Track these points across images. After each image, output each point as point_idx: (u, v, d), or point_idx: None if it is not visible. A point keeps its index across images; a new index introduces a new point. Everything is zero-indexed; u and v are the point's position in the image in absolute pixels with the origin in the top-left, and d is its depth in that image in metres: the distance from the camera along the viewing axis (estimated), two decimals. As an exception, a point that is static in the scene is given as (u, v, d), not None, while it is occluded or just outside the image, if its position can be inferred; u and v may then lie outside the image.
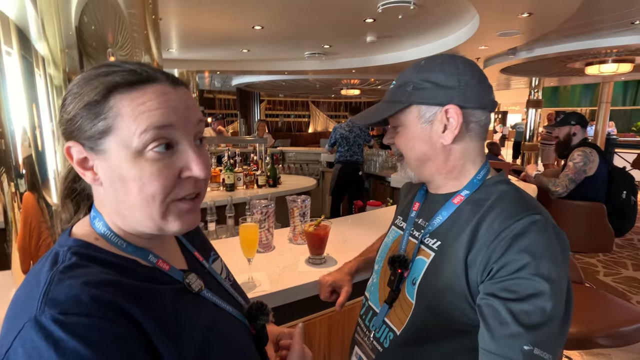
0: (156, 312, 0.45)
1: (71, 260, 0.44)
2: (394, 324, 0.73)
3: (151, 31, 0.95)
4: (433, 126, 0.69)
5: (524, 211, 0.62)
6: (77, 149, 0.47)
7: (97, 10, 0.83)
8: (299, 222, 1.40)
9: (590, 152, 2.51)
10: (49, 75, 0.82)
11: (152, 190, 0.45)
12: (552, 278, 0.57)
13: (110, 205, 0.49)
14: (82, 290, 0.40)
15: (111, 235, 0.49)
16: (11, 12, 0.78)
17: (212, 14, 3.67)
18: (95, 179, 0.48)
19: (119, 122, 0.44)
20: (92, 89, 0.45)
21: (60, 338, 0.36)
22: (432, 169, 0.73)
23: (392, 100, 0.73)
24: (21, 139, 0.84)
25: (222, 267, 0.69)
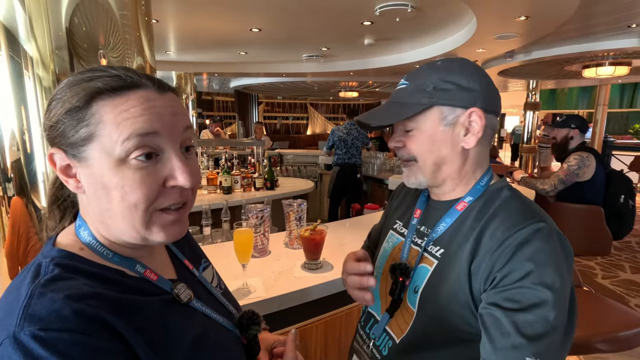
0: (142, 324, 0.43)
1: (54, 272, 0.42)
2: (394, 332, 0.72)
3: (144, 33, 0.93)
4: (455, 129, 0.67)
5: (527, 219, 0.61)
6: (59, 156, 0.46)
7: (88, 11, 0.81)
8: (295, 227, 1.39)
9: (587, 156, 2.51)
10: (38, 76, 0.80)
11: (134, 199, 0.44)
12: (555, 287, 0.56)
13: (94, 214, 0.47)
14: (64, 305, 0.38)
15: (96, 244, 0.48)
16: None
17: (209, 16, 3.66)
18: (78, 186, 0.46)
19: (101, 129, 0.43)
20: (74, 95, 0.44)
21: (40, 355, 0.35)
22: (446, 174, 0.70)
23: (408, 102, 0.69)
24: (9, 142, 0.83)
25: (213, 274, 0.68)
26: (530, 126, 7.87)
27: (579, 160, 2.50)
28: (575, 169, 2.49)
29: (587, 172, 2.51)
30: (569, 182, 2.51)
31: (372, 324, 0.78)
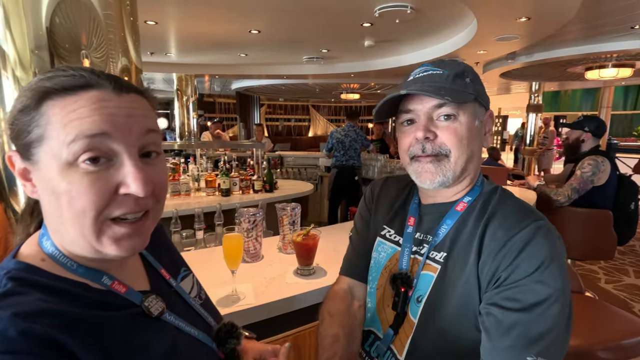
0: (100, 342, 0.40)
1: (6, 286, 0.39)
2: (397, 348, 0.69)
3: (129, 33, 0.91)
4: (481, 127, 0.68)
5: (526, 218, 0.61)
6: (17, 158, 0.43)
7: (69, 10, 0.79)
8: (289, 231, 1.36)
9: (602, 161, 2.43)
10: (17, 77, 0.78)
11: (81, 206, 0.41)
12: (557, 286, 0.56)
13: (50, 222, 0.45)
14: (10, 324, 0.35)
15: (59, 255, 0.45)
16: (-25, 11, 0.74)
17: (208, 18, 3.65)
18: (33, 191, 0.44)
19: (50, 130, 0.41)
20: (28, 94, 0.42)
21: None
22: (468, 172, 0.69)
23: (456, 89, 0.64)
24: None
25: (193, 284, 0.65)
26: (532, 128, 7.83)
27: (593, 165, 2.42)
28: (589, 176, 2.43)
29: (602, 177, 2.44)
30: (583, 190, 2.45)
31: (373, 341, 0.75)
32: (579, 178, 2.45)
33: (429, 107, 0.65)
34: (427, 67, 0.68)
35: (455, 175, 0.66)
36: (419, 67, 0.70)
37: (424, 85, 0.65)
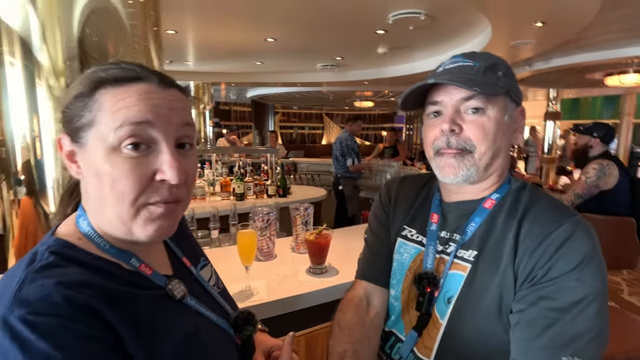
0: (131, 316, 0.44)
1: (48, 259, 0.43)
2: (420, 351, 0.66)
3: (152, 42, 0.97)
4: (511, 124, 0.65)
5: (562, 213, 0.60)
6: (66, 141, 0.48)
7: (99, 22, 0.85)
8: (302, 231, 1.39)
9: (608, 164, 2.41)
10: (50, 85, 0.84)
11: (122, 189, 0.44)
12: (596, 284, 0.55)
13: (90, 202, 0.49)
14: (54, 291, 0.39)
15: (94, 235, 0.49)
16: (15, 23, 0.81)
17: (226, 27, 3.76)
18: (78, 172, 0.48)
19: (100, 116, 0.45)
20: (83, 82, 0.46)
21: (27, 338, 0.36)
22: (494, 168, 0.66)
23: (486, 81, 0.62)
24: (21, 148, 0.87)
25: (211, 273, 0.68)
26: (550, 136, 7.68)
27: (597, 170, 2.40)
28: (593, 180, 2.40)
29: (610, 180, 2.41)
30: (586, 195, 2.43)
31: (393, 343, 0.73)
32: (582, 184, 2.44)
33: (457, 99, 0.63)
34: (458, 58, 0.66)
35: (479, 172, 0.64)
36: (450, 58, 0.67)
37: (453, 77, 0.63)
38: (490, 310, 0.59)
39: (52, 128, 0.86)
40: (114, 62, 0.48)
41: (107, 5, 0.86)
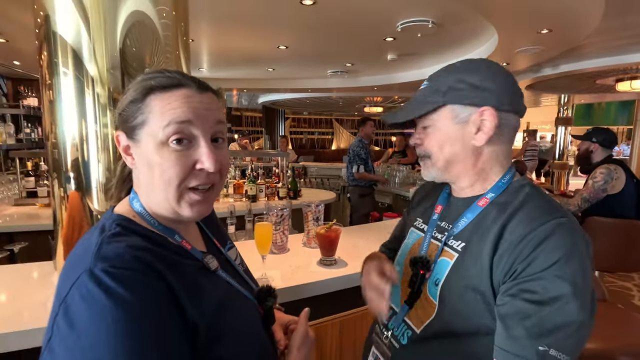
0: (181, 277, 0.54)
1: (116, 229, 0.54)
2: (414, 323, 0.74)
3: (182, 51, 1.08)
4: (466, 127, 0.69)
5: (549, 214, 0.63)
6: (123, 138, 0.58)
7: (138, 33, 0.97)
8: (313, 226, 1.48)
9: (615, 169, 2.47)
10: (97, 94, 0.95)
11: (169, 176, 0.54)
12: (576, 281, 0.57)
13: (142, 187, 0.59)
14: (126, 251, 0.50)
15: (145, 214, 0.59)
16: (69, 36, 0.92)
17: (240, 35, 3.91)
18: (132, 163, 0.58)
19: (151, 117, 0.55)
20: (137, 89, 0.57)
21: (109, 285, 0.46)
22: (459, 170, 0.73)
23: (425, 100, 0.72)
24: (71, 150, 0.98)
25: (237, 254, 0.78)
26: (562, 142, 7.65)
27: (605, 174, 2.46)
28: (601, 185, 2.46)
29: (617, 184, 2.46)
30: (594, 200, 2.49)
31: (391, 315, 0.81)
32: (589, 188, 2.50)
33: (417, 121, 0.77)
34: (425, 81, 0.77)
35: (439, 172, 0.75)
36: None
37: (408, 104, 0.77)
38: (468, 295, 0.66)
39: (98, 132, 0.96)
40: (159, 71, 0.59)
41: (145, 18, 0.96)
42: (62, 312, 0.47)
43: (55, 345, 0.46)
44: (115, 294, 0.45)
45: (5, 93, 5.71)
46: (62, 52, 0.94)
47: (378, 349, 0.82)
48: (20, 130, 5.25)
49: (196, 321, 0.53)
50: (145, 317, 0.47)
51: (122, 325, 0.45)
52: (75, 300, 0.46)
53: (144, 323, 0.46)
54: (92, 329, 0.44)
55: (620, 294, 3.29)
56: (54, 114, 0.97)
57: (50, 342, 0.47)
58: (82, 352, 0.44)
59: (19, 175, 2.77)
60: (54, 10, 0.92)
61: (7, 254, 1.83)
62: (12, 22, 3.22)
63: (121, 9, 0.93)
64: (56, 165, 1.01)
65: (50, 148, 1.02)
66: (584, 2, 2.57)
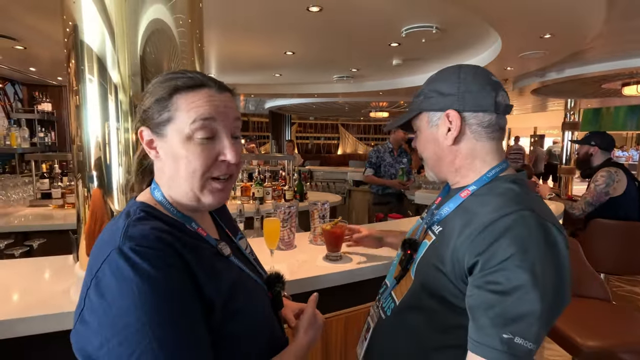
0: (199, 259, 0.60)
1: (140, 214, 0.60)
2: (397, 295, 0.84)
3: (197, 58, 1.15)
4: (439, 129, 0.79)
5: (514, 206, 0.66)
6: (147, 132, 0.64)
7: (157, 41, 1.03)
8: (319, 224, 1.54)
9: (616, 171, 2.51)
10: (119, 100, 1.01)
11: (194, 167, 0.60)
12: (535, 271, 0.60)
13: (165, 178, 0.65)
14: (150, 232, 0.56)
15: (165, 202, 0.65)
16: (95, 45, 0.99)
17: (248, 42, 4.01)
18: (157, 156, 0.64)
19: (178, 114, 0.61)
20: (163, 89, 0.63)
21: (136, 261, 0.52)
22: (443, 167, 0.82)
23: (410, 109, 0.85)
24: (94, 151, 1.04)
25: (247, 244, 0.84)
26: (568, 147, 7.63)
27: (606, 177, 2.49)
28: (603, 188, 2.50)
29: (619, 187, 2.50)
30: (597, 203, 2.53)
31: (384, 290, 0.91)
32: (592, 191, 2.54)
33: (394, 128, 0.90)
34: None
35: (434, 172, 0.85)
36: None
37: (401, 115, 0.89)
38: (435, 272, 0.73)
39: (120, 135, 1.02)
40: (181, 72, 0.65)
41: (164, 26, 1.02)
42: (94, 286, 0.53)
43: (87, 315, 0.53)
44: (141, 269, 0.51)
45: (20, 98, 5.87)
46: (88, 60, 1.00)
47: (371, 317, 0.91)
48: (34, 134, 5.41)
49: (213, 298, 0.58)
50: (167, 290, 0.52)
51: (148, 297, 0.50)
52: (105, 274, 0.52)
53: (166, 296, 0.52)
54: (120, 300, 0.51)
55: (628, 299, 3.28)
56: (80, 118, 1.03)
57: (82, 313, 0.53)
58: (112, 319, 0.50)
59: (34, 177, 2.87)
60: (81, 20, 0.99)
61: (27, 249, 1.92)
62: (31, 30, 3.35)
63: (142, 18, 1.00)
64: (80, 166, 1.07)
65: (75, 150, 1.08)
66: (584, 7, 2.62)
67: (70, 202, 2.75)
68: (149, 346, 0.50)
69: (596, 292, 1.92)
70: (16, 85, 5.78)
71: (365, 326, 0.94)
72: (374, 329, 0.87)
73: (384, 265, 1.40)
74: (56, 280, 1.23)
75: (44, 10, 2.79)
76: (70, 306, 0.99)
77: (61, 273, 1.28)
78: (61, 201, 2.75)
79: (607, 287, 2.02)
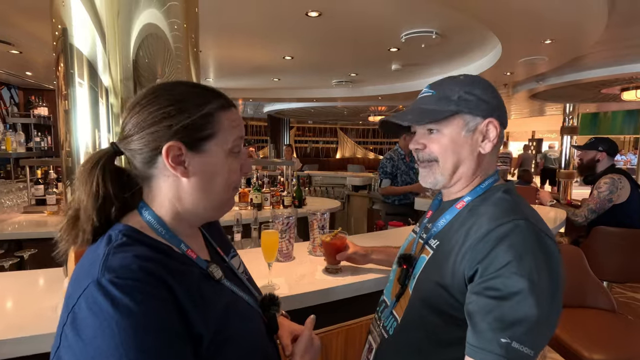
0: (186, 285, 0.55)
1: (122, 239, 0.55)
2: (398, 313, 0.81)
3: (192, 62, 1.11)
4: (474, 135, 0.77)
5: (509, 216, 0.68)
6: (177, 147, 0.59)
7: (151, 45, 0.99)
8: (318, 235, 1.49)
9: (619, 178, 2.47)
10: (110, 104, 0.97)
11: (233, 179, 0.64)
12: (532, 278, 0.61)
13: (185, 196, 0.61)
14: (132, 261, 0.51)
15: (154, 223, 0.61)
16: (85, 48, 0.95)
17: (246, 46, 3.98)
18: (184, 172, 0.59)
19: (220, 131, 0.62)
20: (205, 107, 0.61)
21: (115, 295, 0.47)
22: (460, 174, 0.79)
23: (436, 108, 0.77)
24: (84, 158, 0.99)
25: (240, 262, 0.80)
26: (567, 151, 7.64)
27: (609, 184, 2.46)
28: (606, 195, 2.47)
29: (622, 194, 2.47)
30: (601, 210, 2.50)
31: (384, 308, 0.88)
32: (595, 198, 2.50)
33: (419, 125, 0.81)
34: (426, 88, 0.82)
35: (445, 178, 0.79)
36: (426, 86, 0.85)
37: (411, 108, 0.81)
38: (437, 286, 0.72)
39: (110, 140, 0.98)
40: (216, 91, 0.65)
41: (158, 30, 0.99)
42: (70, 322, 0.48)
43: (63, 354, 0.48)
44: (121, 304, 0.47)
45: (16, 103, 5.83)
46: (78, 64, 0.96)
47: (372, 337, 0.88)
48: (30, 139, 5.36)
49: (200, 330, 0.54)
50: (150, 327, 0.48)
51: (128, 334, 0.46)
52: (82, 310, 0.48)
53: (148, 333, 0.48)
54: (98, 339, 0.46)
55: (629, 306, 3.24)
56: (69, 123, 0.99)
57: (59, 351, 0.49)
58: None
59: (29, 183, 2.81)
60: (71, 24, 0.95)
61: (17, 260, 1.86)
62: (27, 34, 3.32)
63: (135, 22, 0.96)
64: (69, 172, 1.03)
65: (64, 156, 1.04)
66: (586, 14, 2.60)
67: (65, 209, 2.70)
68: None
69: (602, 303, 1.89)
70: (12, 90, 5.73)
71: (366, 346, 0.91)
72: (377, 350, 0.84)
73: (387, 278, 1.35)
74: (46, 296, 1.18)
75: (40, 14, 2.76)
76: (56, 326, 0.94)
77: (52, 288, 1.22)
78: (56, 207, 2.70)
79: (612, 297, 1.98)
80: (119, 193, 0.61)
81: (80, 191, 0.60)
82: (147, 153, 0.60)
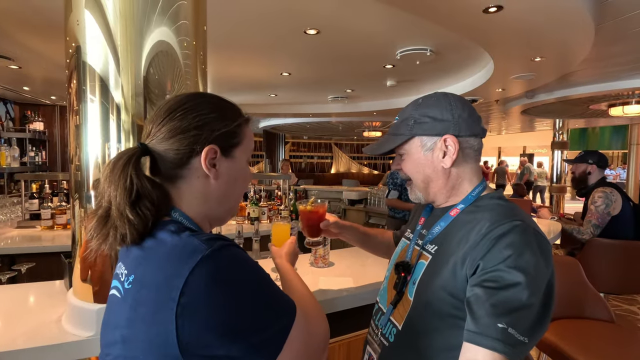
0: None
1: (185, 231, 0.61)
2: (397, 320, 0.83)
3: (200, 79, 1.14)
4: (434, 153, 0.83)
5: (507, 218, 0.73)
6: (214, 151, 0.65)
7: (161, 62, 1.02)
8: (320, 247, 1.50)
9: (611, 191, 2.54)
10: (120, 120, 0.99)
11: (245, 186, 0.74)
12: (529, 271, 0.66)
13: (211, 197, 0.67)
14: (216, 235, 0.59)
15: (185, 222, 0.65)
16: (97, 66, 0.98)
17: (245, 62, 4.05)
18: (215, 175, 0.66)
19: (245, 140, 0.71)
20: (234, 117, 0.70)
21: (233, 252, 0.57)
22: (435, 189, 0.85)
23: (397, 133, 0.86)
24: (93, 172, 1.01)
25: None
26: (559, 166, 7.77)
27: (603, 197, 2.52)
28: (603, 208, 2.52)
29: (616, 206, 2.53)
30: (603, 223, 2.54)
31: (380, 316, 0.90)
32: (595, 213, 2.55)
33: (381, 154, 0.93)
34: (397, 116, 0.90)
35: (422, 194, 0.87)
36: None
37: (385, 136, 0.91)
38: (439, 290, 0.75)
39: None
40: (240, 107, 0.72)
41: (169, 48, 1.02)
42: (210, 283, 0.53)
43: (205, 317, 0.53)
44: (240, 256, 0.58)
45: (12, 117, 5.81)
46: (90, 80, 0.98)
47: (371, 347, 0.89)
48: (25, 154, 5.32)
49: None
50: (262, 270, 0.60)
51: (258, 270, 0.59)
52: (220, 269, 0.54)
53: (264, 274, 0.60)
54: (240, 277, 0.56)
55: (626, 318, 3.25)
56: (80, 137, 1.01)
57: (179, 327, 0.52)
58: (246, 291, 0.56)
59: (24, 197, 2.79)
60: (84, 42, 0.98)
61: (15, 274, 1.84)
62: (26, 50, 3.35)
63: (147, 40, 0.99)
64: (78, 186, 1.04)
65: (73, 170, 1.05)
66: (574, 33, 2.71)
67: (60, 224, 2.67)
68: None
69: (600, 314, 1.91)
70: (8, 104, 5.73)
71: (365, 356, 0.91)
72: (379, 358, 0.85)
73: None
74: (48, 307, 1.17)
75: (40, 30, 2.79)
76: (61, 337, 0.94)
77: (53, 300, 1.22)
78: (50, 222, 2.67)
79: (610, 308, 2.00)
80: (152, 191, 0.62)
81: (112, 189, 0.59)
82: (183, 154, 0.63)
